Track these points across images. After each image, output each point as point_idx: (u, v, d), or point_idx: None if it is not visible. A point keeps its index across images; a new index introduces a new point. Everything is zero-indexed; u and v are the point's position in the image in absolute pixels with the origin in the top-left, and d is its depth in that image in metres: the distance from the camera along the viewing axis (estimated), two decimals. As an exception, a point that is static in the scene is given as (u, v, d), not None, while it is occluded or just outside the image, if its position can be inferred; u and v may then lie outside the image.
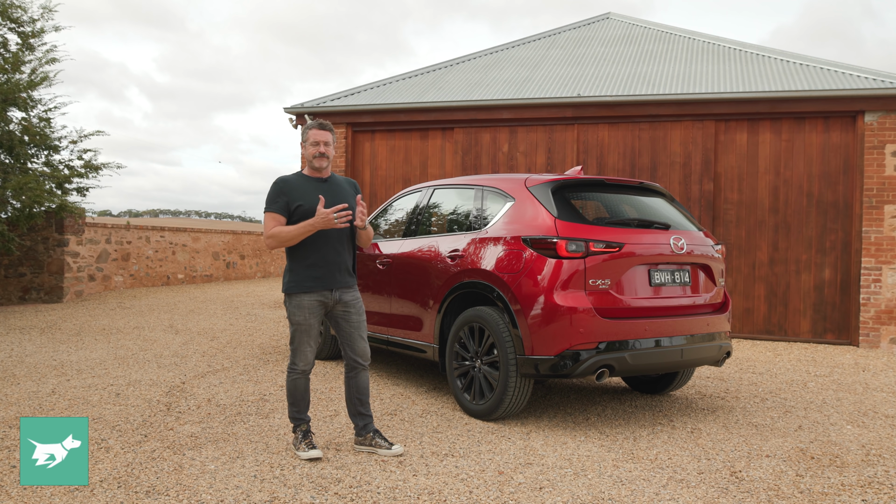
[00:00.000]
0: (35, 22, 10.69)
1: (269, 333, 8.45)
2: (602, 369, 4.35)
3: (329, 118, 10.71)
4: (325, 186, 3.91)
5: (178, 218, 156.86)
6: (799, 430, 4.66)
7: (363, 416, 4.01)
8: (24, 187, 9.73)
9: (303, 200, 3.82)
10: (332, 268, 3.85)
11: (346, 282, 3.91)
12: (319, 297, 3.84)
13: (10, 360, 6.40)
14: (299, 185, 3.88)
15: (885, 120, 8.63)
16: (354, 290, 3.96)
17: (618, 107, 9.47)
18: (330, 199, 3.82)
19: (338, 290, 3.88)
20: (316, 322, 3.88)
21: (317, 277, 3.82)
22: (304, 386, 3.92)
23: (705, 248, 4.99)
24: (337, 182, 3.99)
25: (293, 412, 3.94)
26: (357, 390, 4.00)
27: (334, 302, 3.88)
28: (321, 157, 3.89)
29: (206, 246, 16.33)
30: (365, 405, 4.02)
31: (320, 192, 3.83)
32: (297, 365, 3.89)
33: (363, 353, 3.99)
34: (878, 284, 8.57)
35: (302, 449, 3.84)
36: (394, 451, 3.92)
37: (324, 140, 3.89)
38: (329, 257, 3.83)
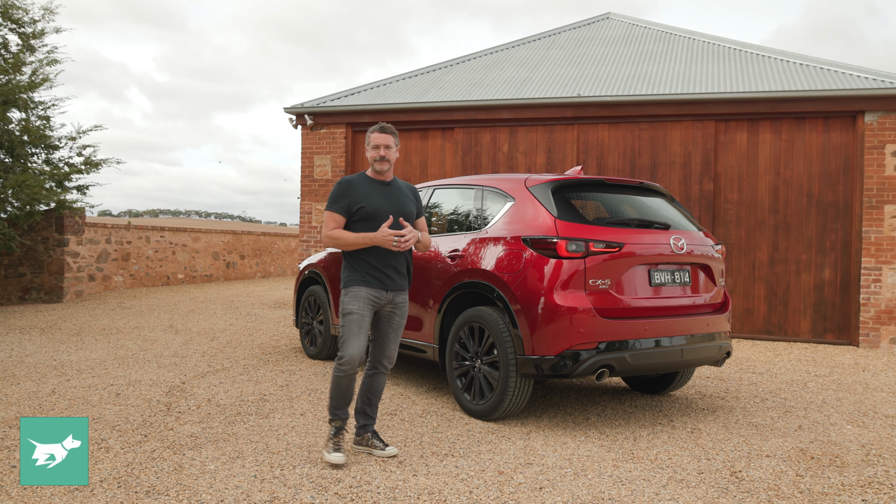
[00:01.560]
0: (36, 23, 10.69)
1: (269, 333, 8.45)
2: (602, 369, 4.35)
3: (329, 118, 10.72)
4: (387, 190, 3.91)
5: (178, 218, 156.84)
6: (799, 430, 4.66)
7: (366, 417, 4.00)
8: (22, 185, 9.74)
9: (365, 202, 3.82)
10: (390, 270, 3.85)
11: (401, 284, 3.92)
12: (375, 293, 3.83)
13: (10, 360, 6.41)
14: (362, 187, 3.87)
15: (885, 120, 8.63)
16: (405, 294, 3.97)
17: (618, 107, 9.47)
18: (391, 204, 3.86)
19: (392, 292, 3.89)
20: (368, 316, 3.82)
21: (375, 276, 3.83)
22: (346, 384, 3.82)
23: (705, 248, 4.99)
24: (398, 187, 3.98)
25: (331, 405, 3.87)
26: (370, 390, 3.99)
27: (386, 301, 3.89)
28: (382, 160, 3.87)
29: (206, 246, 16.34)
30: (373, 406, 4.01)
31: (382, 196, 3.86)
32: (343, 358, 3.78)
33: (391, 357, 3.99)
34: (878, 284, 8.57)
35: (328, 448, 3.77)
36: (387, 451, 3.91)
37: (384, 143, 3.87)
38: (387, 261, 3.85)
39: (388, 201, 3.87)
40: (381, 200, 3.86)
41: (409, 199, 3.99)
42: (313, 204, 10.89)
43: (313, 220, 10.90)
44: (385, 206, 3.85)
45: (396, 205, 3.89)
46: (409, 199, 3.97)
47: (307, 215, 10.94)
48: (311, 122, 10.79)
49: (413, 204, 3.99)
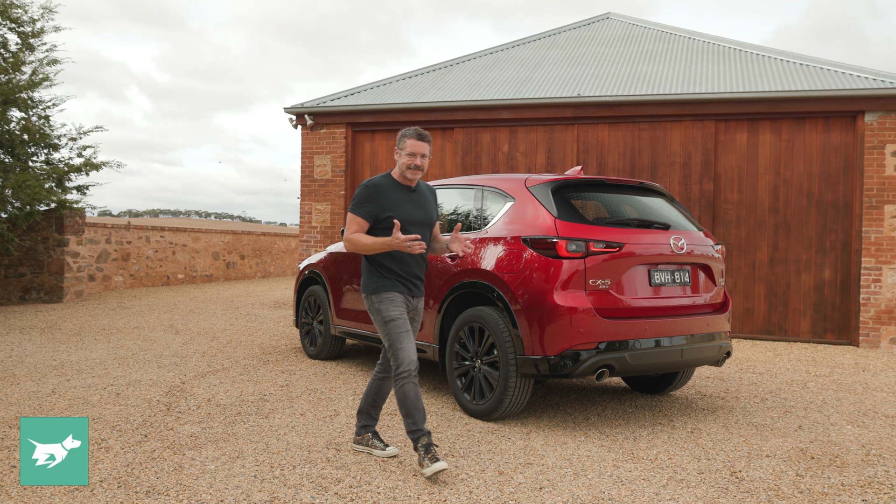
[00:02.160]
0: (35, 22, 10.69)
1: (269, 333, 8.45)
2: (602, 369, 4.35)
3: (329, 118, 10.72)
4: (413, 196, 3.86)
5: (178, 218, 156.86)
6: (799, 430, 4.66)
7: (369, 417, 3.99)
8: (22, 185, 9.73)
9: (392, 211, 3.75)
10: (412, 277, 3.84)
11: (420, 289, 3.92)
12: (403, 298, 3.80)
13: (10, 360, 6.40)
14: (389, 193, 3.78)
15: (885, 120, 8.63)
16: (423, 299, 3.98)
17: (618, 107, 9.47)
18: (419, 213, 3.84)
19: (416, 299, 3.90)
20: (406, 317, 3.77)
21: (403, 284, 3.81)
22: (414, 392, 3.64)
23: (705, 248, 4.99)
24: (421, 192, 3.93)
25: (409, 425, 3.63)
26: (378, 393, 3.97)
27: (411, 308, 3.87)
28: (416, 169, 3.78)
29: (206, 246, 16.34)
30: (377, 409, 4.01)
31: (408, 202, 3.81)
32: (401, 366, 3.62)
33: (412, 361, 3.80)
34: (878, 284, 8.57)
35: (426, 465, 3.50)
36: (388, 451, 3.89)
37: (421, 152, 3.77)
38: (409, 269, 3.82)
39: (415, 209, 3.83)
40: (408, 210, 3.79)
41: (433, 204, 3.97)
42: (313, 204, 10.89)
43: (313, 220, 10.90)
44: (413, 216, 3.80)
45: (422, 214, 3.87)
46: (432, 205, 3.96)
47: (307, 215, 10.93)
48: (311, 122, 10.79)
49: (434, 208, 3.98)
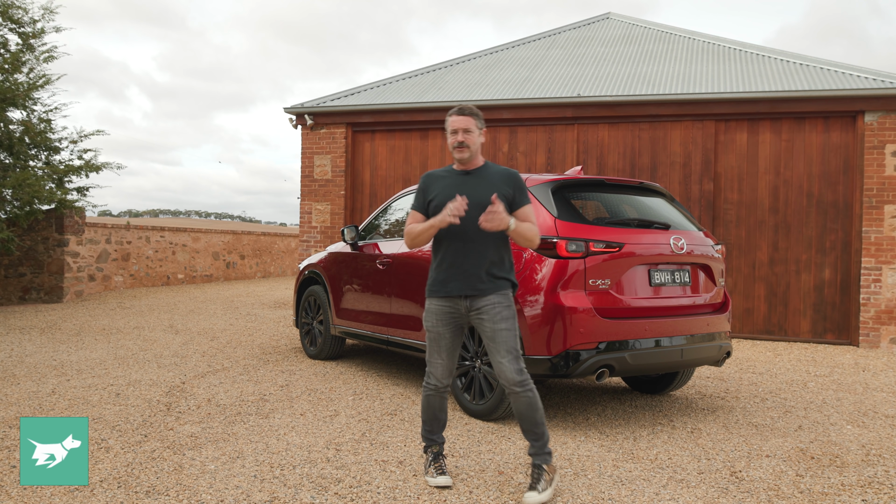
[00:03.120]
0: (36, 23, 10.69)
1: (269, 333, 8.45)
2: (602, 369, 4.35)
3: (329, 118, 10.72)
4: (467, 179, 3.45)
5: (178, 218, 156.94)
6: (799, 430, 4.66)
7: (531, 437, 3.42)
8: (22, 184, 9.74)
9: (435, 195, 3.45)
10: (460, 272, 3.37)
11: (479, 288, 3.37)
12: (448, 303, 3.42)
13: (10, 360, 6.40)
14: (439, 179, 3.51)
15: (885, 120, 8.63)
16: (492, 296, 3.37)
17: (618, 107, 9.47)
18: (467, 194, 3.34)
19: (469, 298, 3.39)
20: (446, 331, 3.45)
21: (443, 281, 3.42)
22: (437, 403, 3.52)
23: (705, 248, 4.99)
24: (482, 175, 3.46)
25: (424, 431, 3.58)
26: (518, 415, 3.39)
27: (466, 310, 3.41)
28: (461, 147, 3.42)
29: (206, 246, 16.34)
30: (527, 432, 3.39)
31: (456, 186, 3.42)
32: (428, 379, 3.52)
33: (501, 373, 3.35)
34: (878, 284, 8.57)
35: (430, 473, 3.47)
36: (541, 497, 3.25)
37: (463, 126, 3.42)
38: (457, 260, 3.38)
39: (464, 191, 3.37)
40: (454, 192, 3.38)
41: (494, 186, 3.40)
42: (313, 204, 10.89)
43: (313, 220, 10.89)
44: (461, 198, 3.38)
45: (476, 194, 3.36)
46: (490, 187, 3.39)
47: (307, 215, 10.93)
48: (311, 122, 10.79)
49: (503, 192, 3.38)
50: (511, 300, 3.42)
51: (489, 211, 3.21)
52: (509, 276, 3.44)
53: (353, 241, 6.36)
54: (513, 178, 3.46)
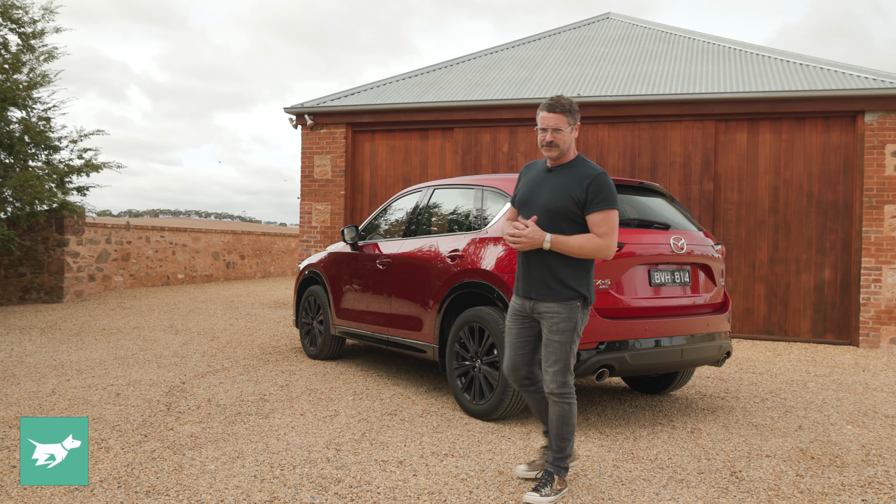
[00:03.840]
0: (36, 23, 10.69)
1: (269, 333, 8.45)
2: (602, 369, 4.35)
3: (329, 118, 10.72)
4: (547, 177, 3.36)
5: (178, 218, 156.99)
6: (799, 430, 4.66)
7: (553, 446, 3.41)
8: (24, 185, 9.74)
9: (519, 189, 3.45)
10: (526, 274, 3.38)
11: (542, 292, 3.31)
12: (518, 301, 3.44)
13: (10, 360, 6.40)
14: (528, 173, 3.46)
15: (885, 120, 8.63)
16: (553, 304, 3.29)
17: (618, 107, 9.47)
18: (541, 193, 3.33)
19: (532, 300, 3.37)
20: (513, 327, 3.46)
21: (517, 280, 3.45)
22: (528, 401, 3.59)
23: (705, 248, 4.99)
24: (562, 174, 3.32)
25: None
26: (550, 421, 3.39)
27: (530, 311, 3.40)
28: (549, 146, 3.27)
29: (206, 246, 16.34)
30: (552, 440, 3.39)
31: (535, 183, 3.37)
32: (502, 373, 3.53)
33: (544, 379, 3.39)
34: (878, 284, 8.57)
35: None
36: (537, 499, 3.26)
37: (553, 125, 3.24)
38: (524, 262, 3.39)
39: (538, 190, 3.32)
40: (533, 190, 3.35)
41: (569, 186, 3.26)
42: (313, 204, 10.89)
43: (313, 220, 10.89)
44: (533, 197, 3.35)
45: (546, 195, 3.28)
46: (568, 189, 3.25)
47: (307, 215, 10.93)
48: (311, 122, 10.79)
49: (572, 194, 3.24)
50: (574, 312, 3.29)
51: (511, 232, 3.20)
52: (578, 287, 3.29)
53: (353, 241, 6.36)
54: (588, 180, 3.24)
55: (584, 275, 3.33)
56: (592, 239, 3.23)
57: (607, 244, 3.24)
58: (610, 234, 3.24)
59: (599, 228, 3.23)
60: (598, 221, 3.23)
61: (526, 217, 3.35)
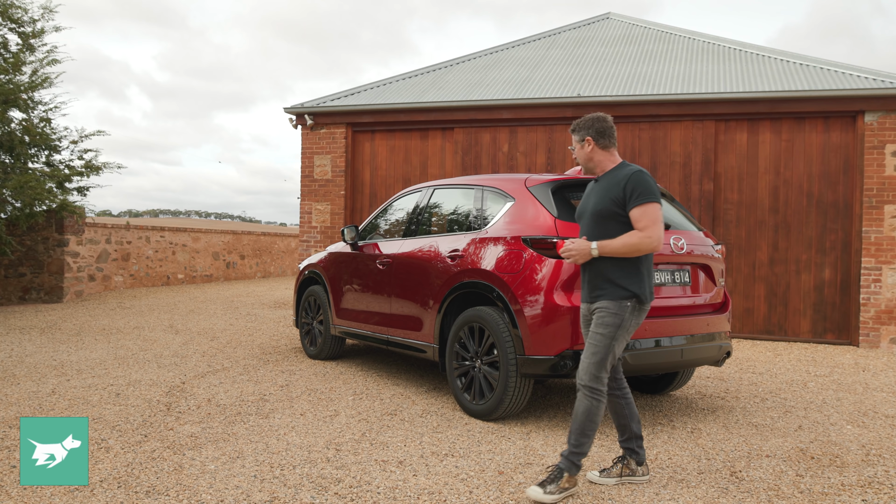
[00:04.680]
0: (35, 22, 10.69)
1: (269, 333, 8.45)
2: (602, 369, 4.34)
3: (329, 118, 10.72)
4: (594, 187, 3.61)
5: (178, 218, 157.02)
6: (799, 430, 4.66)
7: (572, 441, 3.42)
8: (24, 186, 9.74)
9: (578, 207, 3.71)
10: (584, 279, 3.56)
11: (596, 293, 3.46)
12: (584, 307, 3.60)
13: (10, 360, 6.41)
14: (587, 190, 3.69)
15: (885, 120, 8.63)
16: (604, 301, 3.41)
17: (618, 107, 9.47)
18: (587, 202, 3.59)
19: (587, 302, 3.55)
20: (586, 332, 3.59)
21: (581, 287, 3.63)
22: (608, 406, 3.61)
23: (705, 248, 4.99)
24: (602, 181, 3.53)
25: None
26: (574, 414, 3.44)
27: (590, 313, 3.53)
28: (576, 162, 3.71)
29: (206, 246, 16.34)
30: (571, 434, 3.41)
31: (587, 195, 3.64)
32: None
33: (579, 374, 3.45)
34: (878, 284, 8.57)
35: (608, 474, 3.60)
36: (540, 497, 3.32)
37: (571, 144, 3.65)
38: (582, 270, 3.58)
39: (588, 201, 3.59)
40: (585, 202, 3.63)
41: (611, 191, 3.43)
42: (313, 204, 10.89)
43: (313, 220, 10.90)
44: (585, 207, 3.60)
45: (593, 203, 3.52)
46: (609, 193, 3.44)
47: (307, 215, 10.93)
48: (311, 122, 10.79)
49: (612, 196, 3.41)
50: (622, 310, 3.37)
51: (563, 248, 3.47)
52: (629, 286, 3.37)
53: (353, 241, 6.36)
54: (626, 179, 3.38)
55: (635, 272, 3.41)
56: (634, 234, 3.34)
57: (649, 235, 3.32)
58: (651, 226, 3.32)
59: (640, 222, 3.34)
60: (637, 216, 3.35)
61: (581, 226, 3.59)
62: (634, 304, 3.39)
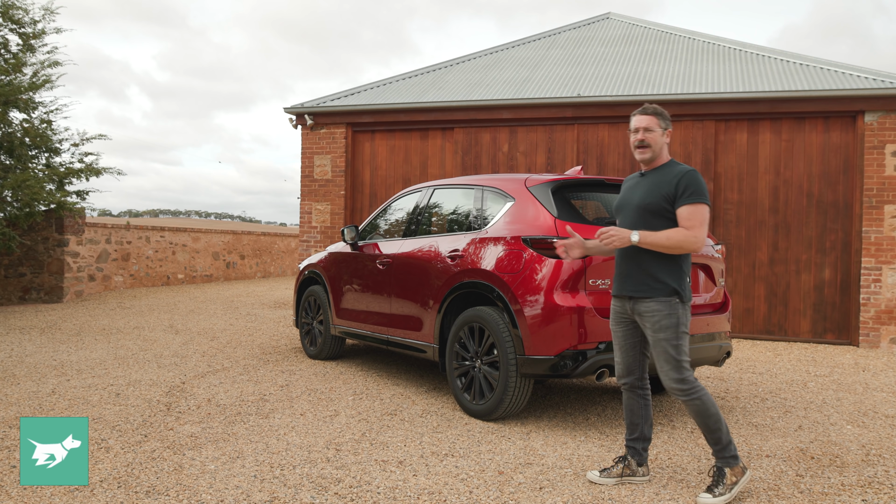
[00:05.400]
0: (36, 23, 10.69)
1: (269, 333, 8.45)
2: (602, 369, 4.35)
3: (329, 118, 10.72)
4: (641, 181, 3.46)
5: (178, 218, 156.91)
6: (799, 430, 4.66)
7: (709, 441, 3.41)
8: (22, 185, 9.73)
9: (617, 199, 3.58)
10: (622, 273, 3.45)
11: (636, 288, 3.37)
12: (618, 302, 3.51)
13: (10, 360, 6.41)
14: (627, 184, 3.56)
15: (885, 120, 8.63)
16: (652, 302, 3.33)
17: (618, 107, 9.47)
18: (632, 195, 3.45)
19: (631, 300, 3.42)
20: (618, 330, 3.53)
21: (615, 281, 3.51)
22: (628, 402, 3.59)
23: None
24: (653, 176, 3.42)
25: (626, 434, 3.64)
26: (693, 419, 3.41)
27: (630, 310, 3.45)
28: (641, 147, 3.39)
29: (206, 246, 16.34)
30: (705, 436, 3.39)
31: (630, 188, 3.49)
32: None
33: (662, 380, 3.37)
34: (878, 284, 8.57)
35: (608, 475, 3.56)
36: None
37: (644, 125, 3.37)
38: (620, 262, 3.45)
39: (632, 193, 3.44)
40: (628, 194, 3.49)
41: (659, 187, 3.35)
42: (313, 204, 10.89)
43: (313, 220, 10.90)
44: (627, 199, 3.47)
45: (639, 196, 3.40)
46: (659, 188, 3.35)
47: (307, 215, 10.93)
48: (311, 122, 10.79)
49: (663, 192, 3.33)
50: (673, 308, 3.32)
51: (600, 233, 3.31)
52: (672, 282, 3.32)
53: (353, 241, 6.36)
54: (679, 176, 3.32)
55: (676, 269, 3.35)
56: (679, 231, 3.27)
57: (694, 235, 3.25)
58: (698, 226, 3.26)
59: (687, 221, 3.28)
60: (686, 214, 3.28)
61: (621, 219, 3.49)
62: (680, 300, 3.35)
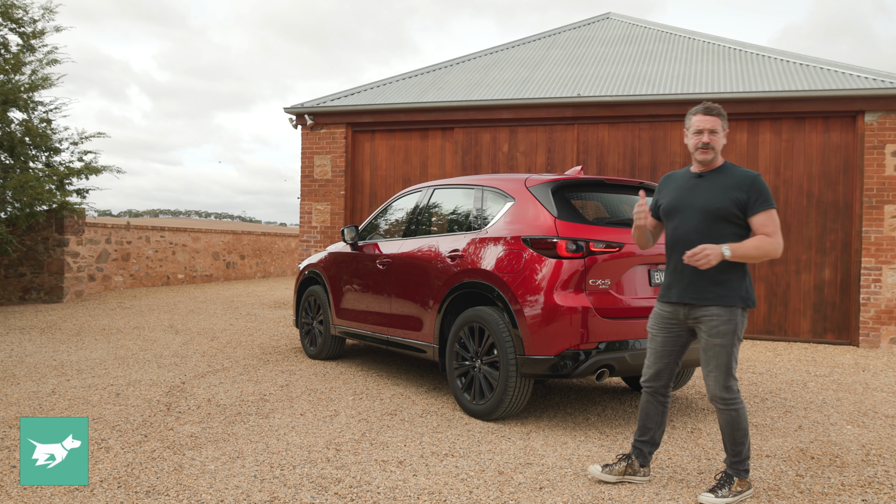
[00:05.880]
0: (36, 23, 10.69)
1: (269, 333, 8.45)
2: (602, 369, 4.35)
3: (329, 118, 10.72)
4: (698, 182, 3.35)
5: (178, 218, 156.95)
6: (799, 430, 4.66)
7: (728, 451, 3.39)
8: (24, 186, 9.73)
9: (665, 197, 3.43)
10: (681, 278, 3.34)
11: (700, 297, 3.28)
12: (668, 308, 3.41)
13: (10, 360, 6.40)
14: (672, 181, 3.47)
15: (885, 120, 8.63)
16: (714, 307, 3.25)
17: (618, 107, 9.47)
18: (695, 197, 3.33)
19: (688, 306, 3.33)
20: (659, 335, 3.44)
21: (667, 286, 3.42)
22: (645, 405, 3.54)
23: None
24: (715, 178, 3.32)
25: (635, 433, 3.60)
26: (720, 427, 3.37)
27: (685, 317, 3.36)
28: (705, 148, 3.29)
29: (206, 246, 16.34)
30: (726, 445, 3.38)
31: (687, 189, 3.36)
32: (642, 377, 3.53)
33: (706, 385, 3.33)
34: (878, 284, 8.57)
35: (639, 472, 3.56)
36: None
37: (709, 127, 3.28)
38: (679, 266, 3.34)
39: (691, 195, 3.33)
40: (684, 195, 3.35)
41: (727, 191, 3.26)
42: (313, 204, 10.89)
43: (313, 220, 10.89)
44: (686, 201, 3.33)
45: (703, 199, 3.28)
46: (727, 192, 3.26)
47: (307, 215, 10.93)
48: (311, 122, 10.79)
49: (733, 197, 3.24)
50: (735, 315, 3.25)
51: (692, 254, 3.16)
52: (737, 290, 3.26)
53: (353, 241, 6.36)
54: (748, 182, 3.25)
55: (743, 276, 3.31)
56: (764, 239, 3.23)
57: (778, 242, 3.24)
58: (777, 232, 3.25)
59: (766, 228, 3.24)
60: (764, 221, 3.24)
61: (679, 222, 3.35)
62: (743, 308, 3.29)
